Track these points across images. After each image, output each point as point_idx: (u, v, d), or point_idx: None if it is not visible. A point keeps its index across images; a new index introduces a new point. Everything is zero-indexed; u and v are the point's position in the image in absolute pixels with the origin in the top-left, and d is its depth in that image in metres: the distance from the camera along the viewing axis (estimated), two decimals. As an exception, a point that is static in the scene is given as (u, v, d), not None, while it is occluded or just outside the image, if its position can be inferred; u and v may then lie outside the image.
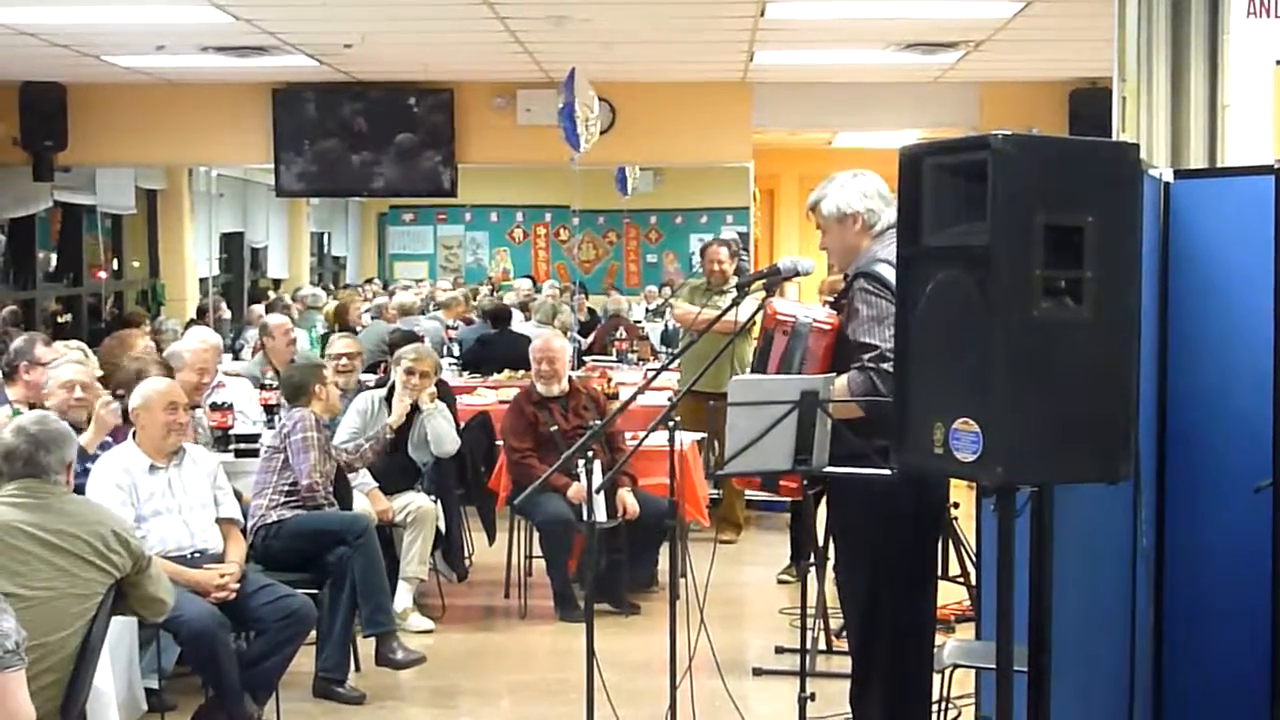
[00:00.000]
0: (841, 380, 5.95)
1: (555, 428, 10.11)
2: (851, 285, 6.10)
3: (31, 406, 8.46)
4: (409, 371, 9.96)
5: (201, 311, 18.26)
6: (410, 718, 8.44)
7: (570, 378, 10.60)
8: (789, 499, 10.02)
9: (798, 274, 6.35)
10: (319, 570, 8.54)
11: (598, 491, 8.36)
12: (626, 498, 10.02)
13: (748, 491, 12.58)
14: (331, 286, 24.88)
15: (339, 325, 17.54)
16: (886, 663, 6.20)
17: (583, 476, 6.94)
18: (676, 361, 8.56)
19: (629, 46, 12.94)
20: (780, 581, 11.05)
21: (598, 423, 9.24)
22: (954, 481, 7.06)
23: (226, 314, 19.51)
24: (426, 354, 10.36)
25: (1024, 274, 4.39)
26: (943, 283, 4.64)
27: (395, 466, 9.96)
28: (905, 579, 6.20)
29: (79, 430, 8.19)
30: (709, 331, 7.64)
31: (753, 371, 6.40)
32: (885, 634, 6.17)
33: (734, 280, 12.41)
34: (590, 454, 6.73)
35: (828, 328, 6.08)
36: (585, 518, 7.14)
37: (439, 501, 10.14)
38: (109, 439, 8.27)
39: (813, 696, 6.49)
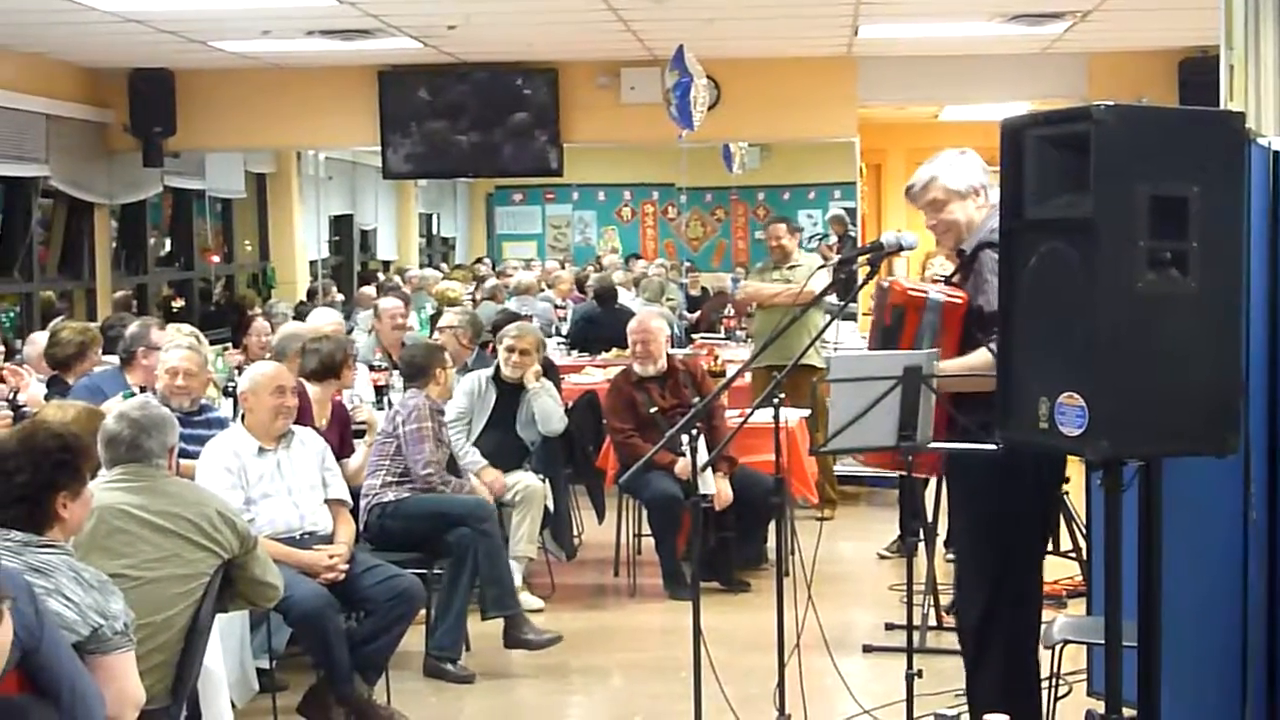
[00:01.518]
0: (985, 354, 5.87)
1: (655, 409, 10.10)
2: (976, 257, 6.07)
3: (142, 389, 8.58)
4: (509, 349, 10.01)
5: (312, 294, 18.36)
6: (521, 697, 8.47)
7: (669, 356, 10.57)
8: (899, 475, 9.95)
9: (901, 249, 6.29)
10: (435, 550, 8.59)
11: (703, 469, 8.35)
12: (720, 484, 9.95)
13: (840, 467, 12.58)
14: (445, 267, 24.98)
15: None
16: (1007, 636, 6.17)
17: (687, 453, 6.93)
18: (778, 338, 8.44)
19: (731, 23, 12.89)
20: (881, 557, 11.02)
21: (698, 400, 9.25)
22: (1064, 455, 7.00)
23: (338, 296, 19.62)
24: (528, 331, 10.40)
25: (1128, 245, 4.36)
26: (1046, 255, 4.61)
27: (504, 446, 9.99)
28: (1028, 550, 6.18)
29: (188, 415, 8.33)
30: (773, 305, 7.50)
31: (879, 349, 6.32)
32: (1008, 607, 6.13)
33: (795, 257, 12.45)
34: (695, 431, 6.71)
35: (959, 302, 6.03)
36: (691, 495, 7.13)
37: (547, 480, 10.15)
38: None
39: (920, 673, 6.44)
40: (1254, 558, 5.78)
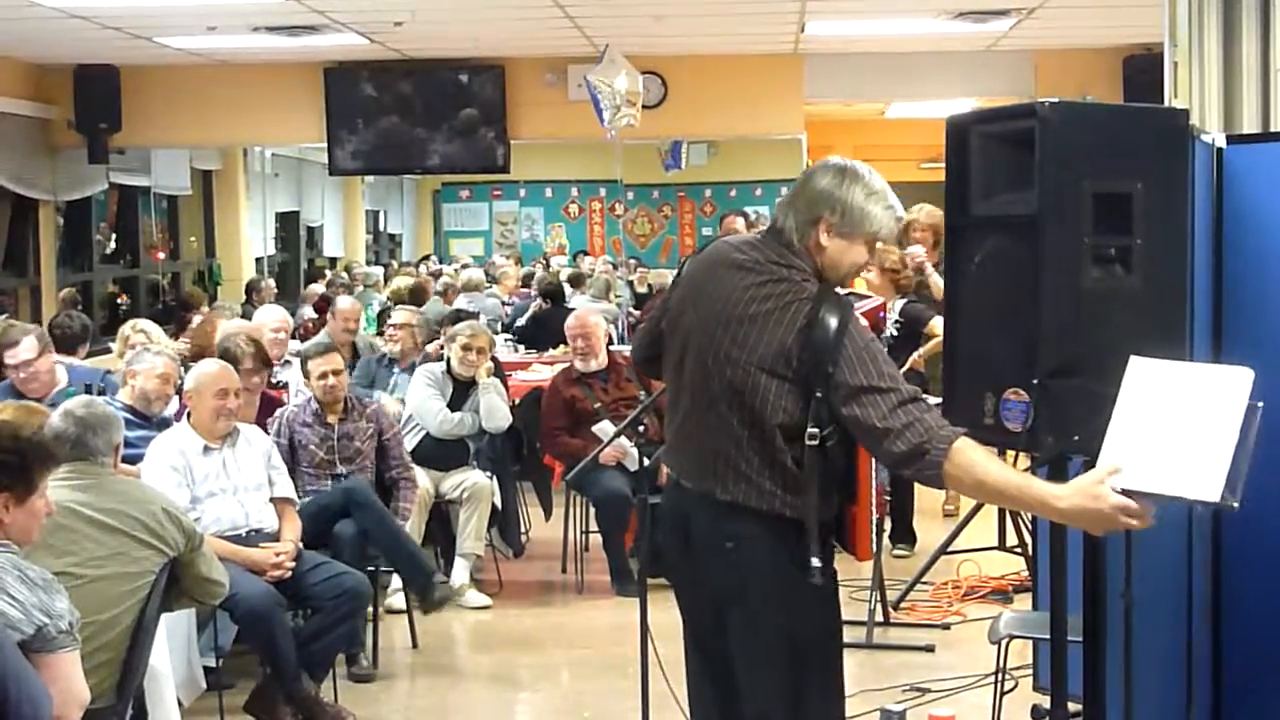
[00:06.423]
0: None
1: (599, 404, 10.11)
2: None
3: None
4: (465, 348, 10.01)
5: (249, 289, 18.25)
6: (469, 694, 8.45)
7: (610, 352, 10.59)
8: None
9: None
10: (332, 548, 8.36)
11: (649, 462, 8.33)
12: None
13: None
14: (394, 263, 24.95)
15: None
16: None
17: (634, 451, 6.91)
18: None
19: (679, 19, 12.90)
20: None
21: (643, 394, 9.28)
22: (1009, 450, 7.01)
23: (273, 290, 19.48)
24: (481, 330, 10.43)
25: (1073, 242, 4.38)
26: (991, 252, 4.63)
27: (450, 444, 9.99)
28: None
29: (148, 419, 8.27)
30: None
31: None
32: None
33: None
34: (642, 428, 6.71)
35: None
36: (639, 492, 7.12)
37: (495, 478, 10.14)
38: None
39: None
40: (1198, 552, 5.82)
